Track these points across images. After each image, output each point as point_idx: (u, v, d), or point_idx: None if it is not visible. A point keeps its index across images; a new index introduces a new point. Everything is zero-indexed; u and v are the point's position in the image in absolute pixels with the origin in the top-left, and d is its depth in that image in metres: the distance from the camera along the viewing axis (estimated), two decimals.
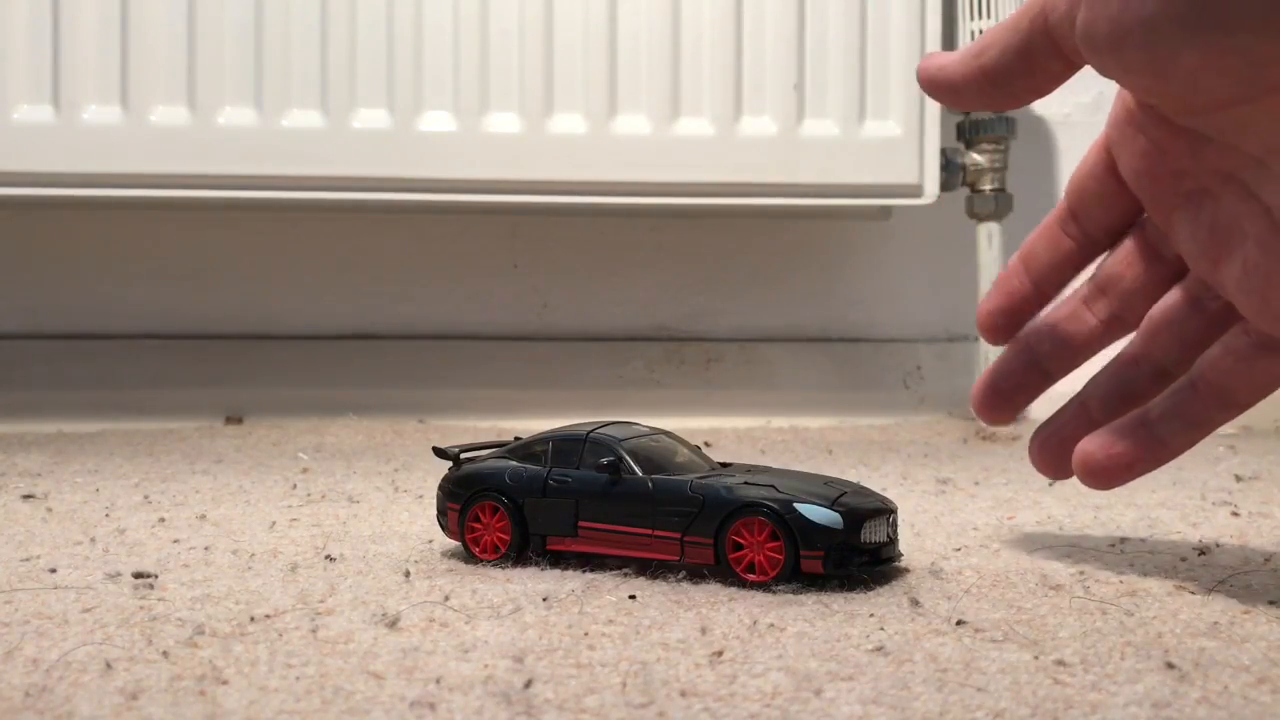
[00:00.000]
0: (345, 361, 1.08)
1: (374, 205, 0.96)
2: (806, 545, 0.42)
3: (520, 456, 0.48)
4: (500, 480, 0.47)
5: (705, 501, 0.44)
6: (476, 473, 0.48)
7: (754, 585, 0.43)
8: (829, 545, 0.42)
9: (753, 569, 0.43)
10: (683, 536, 0.44)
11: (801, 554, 0.42)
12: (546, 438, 0.48)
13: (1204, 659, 0.34)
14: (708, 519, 0.43)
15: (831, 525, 0.42)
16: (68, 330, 1.06)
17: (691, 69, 0.96)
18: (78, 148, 0.90)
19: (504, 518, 0.47)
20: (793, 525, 0.42)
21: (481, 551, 0.47)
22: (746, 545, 0.43)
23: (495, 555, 0.47)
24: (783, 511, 0.42)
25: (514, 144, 0.94)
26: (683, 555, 0.44)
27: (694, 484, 0.44)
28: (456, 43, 0.94)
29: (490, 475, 0.47)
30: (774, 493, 0.43)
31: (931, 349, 1.15)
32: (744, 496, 0.43)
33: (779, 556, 0.42)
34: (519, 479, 0.47)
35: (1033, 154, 1.17)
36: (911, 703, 0.30)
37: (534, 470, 0.47)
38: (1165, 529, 0.57)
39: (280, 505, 0.63)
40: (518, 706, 0.30)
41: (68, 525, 0.56)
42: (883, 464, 0.82)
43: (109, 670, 0.32)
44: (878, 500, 0.45)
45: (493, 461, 0.48)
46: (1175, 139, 0.40)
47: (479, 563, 0.47)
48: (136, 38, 0.91)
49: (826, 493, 0.44)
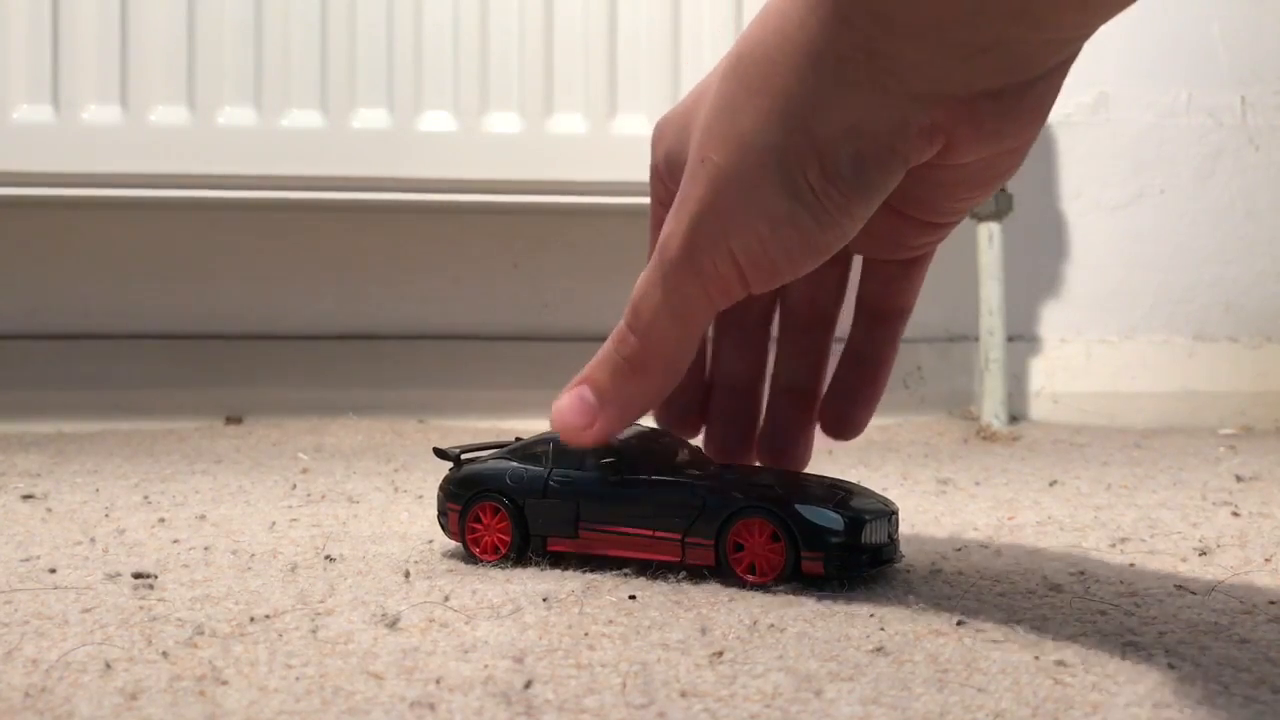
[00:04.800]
0: (345, 361, 1.08)
1: (374, 205, 0.96)
2: (807, 546, 0.42)
3: (521, 457, 0.48)
4: (501, 481, 0.47)
5: (706, 502, 0.43)
6: (477, 473, 0.48)
7: (754, 586, 0.43)
8: (830, 546, 0.42)
9: (754, 570, 0.43)
10: (683, 537, 0.44)
11: (802, 555, 0.42)
12: (548, 438, 0.47)
13: (1204, 659, 0.34)
14: (708, 520, 0.43)
15: (832, 526, 0.42)
16: (68, 330, 1.06)
17: (692, 69, 0.96)
18: (78, 148, 0.90)
19: (504, 519, 0.46)
20: (793, 526, 0.42)
21: (482, 552, 0.47)
22: (747, 546, 0.43)
23: (496, 556, 0.47)
24: (783, 512, 0.42)
25: (514, 144, 0.94)
26: (683, 556, 0.44)
27: (694, 485, 0.44)
28: (456, 43, 0.94)
29: (491, 476, 0.47)
30: (775, 494, 0.43)
31: (931, 349, 1.15)
32: (744, 498, 0.43)
33: (779, 558, 0.42)
34: (519, 480, 0.47)
35: (1033, 154, 1.17)
36: (911, 703, 0.30)
37: (535, 471, 0.47)
38: (1165, 529, 0.57)
39: (280, 505, 0.63)
40: (518, 707, 0.30)
41: (67, 525, 0.56)
42: (883, 464, 0.82)
43: (109, 670, 0.32)
44: (879, 501, 0.45)
45: (493, 462, 0.48)
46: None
47: (479, 563, 0.47)
48: (136, 38, 0.91)
49: (827, 494, 0.44)
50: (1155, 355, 1.19)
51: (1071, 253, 1.19)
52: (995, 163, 0.38)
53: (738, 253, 0.38)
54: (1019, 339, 1.16)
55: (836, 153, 0.36)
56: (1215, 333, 1.20)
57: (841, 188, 0.36)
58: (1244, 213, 1.21)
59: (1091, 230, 1.19)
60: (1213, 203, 1.21)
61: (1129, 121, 1.19)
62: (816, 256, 0.38)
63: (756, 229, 0.37)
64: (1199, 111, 1.20)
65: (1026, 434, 1.04)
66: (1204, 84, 1.19)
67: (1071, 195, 1.19)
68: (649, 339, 0.41)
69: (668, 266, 0.40)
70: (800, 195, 0.36)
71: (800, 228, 0.37)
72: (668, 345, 0.41)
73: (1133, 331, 1.20)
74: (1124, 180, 1.20)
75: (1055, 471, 0.78)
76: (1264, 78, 1.20)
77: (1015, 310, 1.13)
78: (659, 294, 0.40)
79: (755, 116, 0.37)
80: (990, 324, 1.06)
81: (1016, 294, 1.12)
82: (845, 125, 0.35)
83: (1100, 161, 1.19)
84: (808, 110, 0.36)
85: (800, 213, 0.37)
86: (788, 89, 0.36)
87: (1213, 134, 1.20)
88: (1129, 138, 1.19)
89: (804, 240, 0.37)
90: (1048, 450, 0.93)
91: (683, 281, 0.40)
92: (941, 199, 0.40)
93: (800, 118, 0.36)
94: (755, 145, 0.37)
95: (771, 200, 0.37)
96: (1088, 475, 0.77)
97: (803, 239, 0.37)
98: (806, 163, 0.36)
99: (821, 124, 0.36)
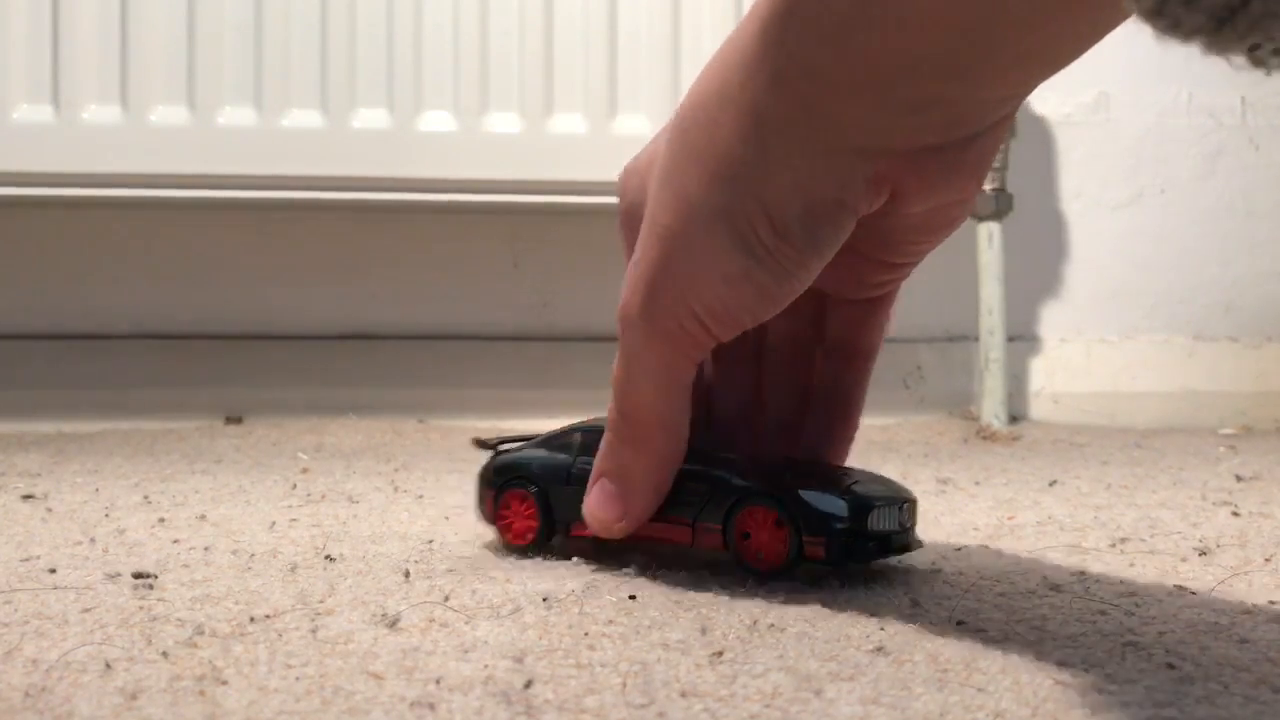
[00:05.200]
0: (345, 361, 1.08)
1: (374, 205, 0.96)
2: (809, 531, 0.42)
3: (552, 447, 0.49)
4: (529, 469, 0.48)
5: (714, 487, 0.44)
6: (509, 462, 0.49)
7: (756, 583, 0.43)
8: (832, 531, 0.42)
9: (762, 557, 0.43)
10: (694, 522, 0.44)
11: (804, 540, 0.42)
12: (576, 428, 0.49)
13: (1204, 659, 0.34)
14: (717, 505, 0.44)
15: (835, 512, 0.42)
16: (68, 330, 1.06)
17: (692, 69, 0.96)
18: (78, 148, 0.90)
19: (532, 505, 0.48)
20: (795, 511, 0.42)
21: (513, 538, 0.48)
22: (753, 533, 0.43)
23: (525, 541, 0.48)
24: (786, 498, 0.42)
25: (514, 144, 0.94)
26: (694, 541, 0.44)
27: (705, 472, 0.45)
28: (456, 43, 0.94)
29: (521, 464, 0.49)
30: (781, 479, 0.43)
31: (931, 349, 1.15)
32: (750, 483, 0.43)
33: (784, 545, 0.42)
34: (546, 467, 0.48)
35: (1033, 154, 1.17)
36: (912, 703, 0.30)
37: (562, 459, 0.48)
38: (1165, 529, 0.57)
39: (280, 505, 0.63)
40: (518, 706, 0.30)
41: (67, 525, 0.56)
42: (883, 464, 0.82)
43: (109, 670, 0.32)
44: (893, 489, 0.45)
45: (527, 451, 0.50)
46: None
47: (479, 563, 0.47)
48: (136, 38, 0.91)
49: (835, 479, 0.44)
50: (1155, 355, 1.19)
51: (1072, 253, 1.19)
52: (947, 210, 0.38)
53: (699, 311, 0.39)
54: (1019, 339, 1.16)
55: (785, 211, 0.36)
56: (1215, 333, 1.20)
57: (794, 244, 0.37)
58: (1244, 213, 1.21)
59: (1092, 230, 1.19)
60: (1213, 203, 1.21)
61: (1129, 121, 1.19)
62: (777, 305, 0.39)
63: (714, 287, 0.38)
64: (1199, 111, 1.20)
65: (1026, 434, 1.04)
66: (1204, 84, 1.19)
67: (1071, 195, 1.19)
68: (638, 414, 0.42)
69: (632, 335, 0.40)
70: (753, 252, 0.37)
71: (756, 283, 0.38)
72: (657, 412, 0.42)
73: (1133, 331, 1.20)
74: (1124, 180, 1.20)
75: (1055, 471, 0.78)
76: (1264, 78, 1.20)
77: (1015, 310, 1.13)
78: (631, 367, 0.41)
79: (700, 180, 0.37)
80: (990, 324, 1.06)
81: (1016, 294, 1.12)
82: (792, 183, 0.36)
83: (1100, 161, 1.19)
84: (754, 171, 0.36)
85: (755, 269, 0.37)
86: (730, 151, 0.36)
87: (1213, 134, 1.20)
88: (1129, 138, 1.19)
89: (761, 294, 0.38)
90: (1048, 450, 0.93)
91: (650, 347, 0.40)
92: (897, 243, 0.41)
93: (746, 180, 0.36)
94: (703, 208, 0.37)
95: (725, 259, 0.37)
96: (1088, 475, 0.77)
97: (760, 293, 0.38)
98: (757, 222, 0.37)
99: (768, 184, 0.36)
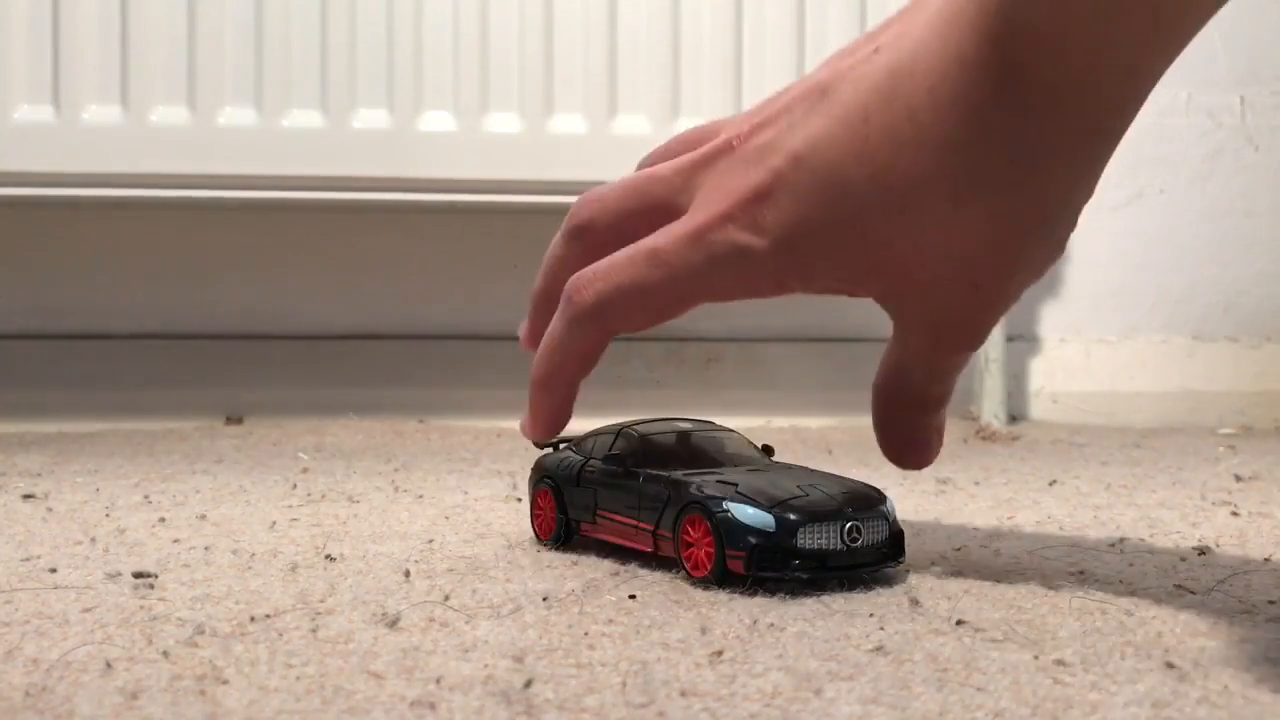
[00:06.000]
0: (345, 361, 1.08)
1: (374, 205, 0.96)
2: (730, 544, 0.42)
3: (578, 449, 0.51)
4: (554, 469, 0.50)
5: (669, 497, 0.45)
6: (546, 462, 0.51)
7: (696, 581, 0.43)
8: (750, 546, 0.42)
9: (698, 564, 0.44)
10: (654, 529, 0.45)
11: (726, 552, 0.42)
12: (600, 431, 0.50)
13: (1204, 659, 0.34)
14: (670, 513, 0.44)
15: (758, 526, 0.42)
16: (68, 330, 1.06)
17: (692, 69, 0.96)
18: (78, 148, 0.90)
19: (554, 503, 0.50)
20: (720, 523, 0.42)
21: (541, 534, 0.51)
22: (693, 541, 0.43)
23: (548, 536, 0.50)
24: (713, 509, 0.43)
25: (514, 144, 0.94)
26: (656, 547, 0.45)
27: (669, 479, 0.45)
28: (456, 43, 0.94)
29: (551, 464, 0.51)
30: (721, 489, 0.43)
31: None
32: (693, 494, 0.44)
33: (712, 555, 0.43)
34: (564, 468, 0.50)
35: None
36: (911, 703, 0.30)
37: (576, 460, 0.50)
38: (1165, 529, 0.57)
39: (280, 505, 0.63)
40: (518, 706, 0.30)
41: (68, 525, 0.56)
42: (883, 464, 0.82)
43: (109, 670, 0.32)
44: (854, 507, 0.44)
45: (564, 451, 0.51)
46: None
47: (479, 562, 0.47)
48: (136, 38, 0.91)
49: (779, 493, 0.43)
50: (1155, 355, 1.19)
51: (1071, 253, 1.19)
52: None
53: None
54: (1019, 339, 1.16)
55: None
56: (1215, 333, 1.20)
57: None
58: (1244, 213, 1.21)
59: (1091, 230, 1.19)
60: (1212, 203, 1.21)
61: None
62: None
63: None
64: (1198, 111, 1.20)
65: (1026, 434, 1.04)
66: (1203, 84, 1.19)
67: None
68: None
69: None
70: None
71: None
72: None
73: (1132, 331, 1.20)
74: (1124, 180, 1.20)
75: (1055, 471, 0.78)
76: (1263, 78, 1.20)
77: (1015, 310, 1.12)
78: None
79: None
80: None
81: None
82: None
83: None
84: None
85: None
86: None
87: (1212, 134, 1.20)
88: (1129, 138, 1.19)
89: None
90: (1047, 450, 0.93)
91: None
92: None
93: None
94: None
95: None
96: (1087, 475, 0.77)
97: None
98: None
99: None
